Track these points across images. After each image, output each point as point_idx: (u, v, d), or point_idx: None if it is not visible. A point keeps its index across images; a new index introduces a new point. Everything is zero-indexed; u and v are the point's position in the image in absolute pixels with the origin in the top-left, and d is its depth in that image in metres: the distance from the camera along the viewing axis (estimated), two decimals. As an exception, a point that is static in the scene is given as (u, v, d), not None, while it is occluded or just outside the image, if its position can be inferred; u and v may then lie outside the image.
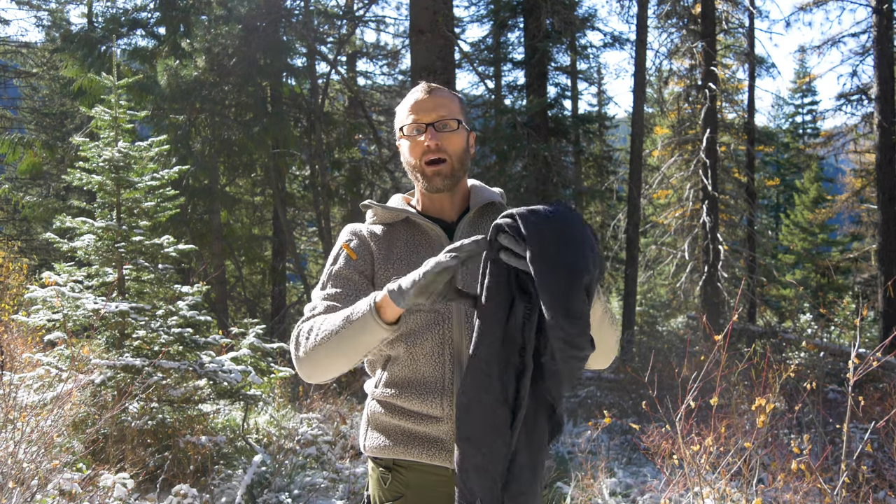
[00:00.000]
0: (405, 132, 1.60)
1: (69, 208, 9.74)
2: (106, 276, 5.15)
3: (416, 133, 1.59)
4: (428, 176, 1.59)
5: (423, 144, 1.58)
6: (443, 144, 1.58)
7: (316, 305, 1.58)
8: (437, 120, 1.58)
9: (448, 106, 1.60)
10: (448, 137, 1.58)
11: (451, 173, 1.60)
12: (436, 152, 1.57)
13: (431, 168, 1.59)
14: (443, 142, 1.58)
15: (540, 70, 11.85)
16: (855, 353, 2.85)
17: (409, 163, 1.61)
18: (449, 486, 1.57)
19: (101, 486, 3.64)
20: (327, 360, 1.47)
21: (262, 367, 5.87)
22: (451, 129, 1.59)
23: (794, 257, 22.66)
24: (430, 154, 1.57)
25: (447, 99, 1.61)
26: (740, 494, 3.29)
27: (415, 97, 1.61)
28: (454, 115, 1.60)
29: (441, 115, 1.58)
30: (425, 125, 1.57)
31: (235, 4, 10.38)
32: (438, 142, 1.57)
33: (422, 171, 1.59)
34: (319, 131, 11.80)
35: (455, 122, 1.59)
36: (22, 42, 15.79)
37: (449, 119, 1.58)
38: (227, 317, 11.04)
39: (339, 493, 4.70)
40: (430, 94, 1.60)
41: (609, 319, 1.54)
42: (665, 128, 16.76)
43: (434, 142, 1.56)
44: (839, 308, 12.82)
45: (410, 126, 1.59)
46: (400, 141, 1.64)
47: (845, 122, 16.48)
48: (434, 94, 1.61)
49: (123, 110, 5.36)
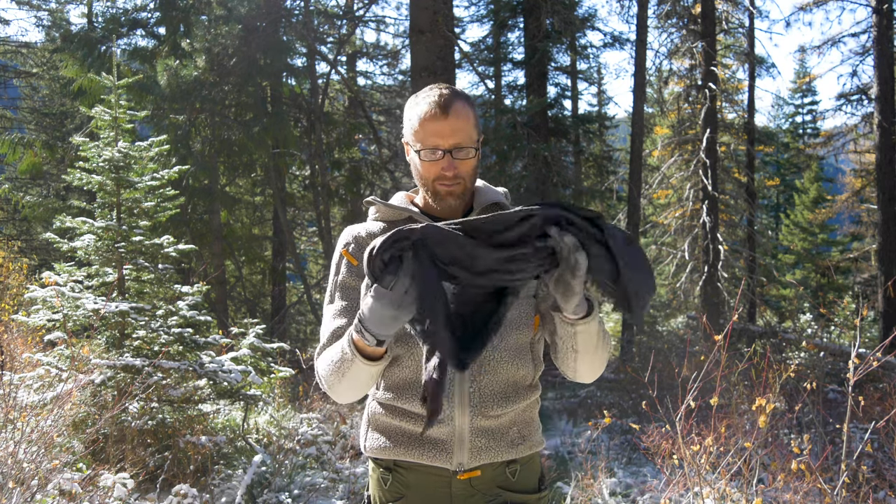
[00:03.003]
0: (422, 156, 1.56)
1: (69, 208, 9.74)
2: (106, 276, 5.15)
3: (431, 157, 1.55)
4: (441, 195, 1.58)
5: (439, 169, 1.56)
6: (459, 171, 1.56)
7: (325, 329, 1.62)
8: (455, 147, 1.54)
9: (465, 129, 1.55)
10: (464, 163, 1.56)
11: (463, 193, 1.59)
12: (452, 179, 1.56)
13: (444, 188, 1.57)
14: (460, 168, 1.56)
15: (540, 70, 11.85)
16: (855, 353, 2.86)
17: (423, 177, 1.59)
18: (449, 487, 1.58)
19: (101, 486, 3.64)
20: (350, 391, 1.55)
21: (262, 367, 5.88)
22: (468, 156, 1.56)
23: (794, 257, 22.66)
24: (446, 181, 1.56)
25: (464, 119, 1.55)
26: (740, 494, 3.29)
27: (432, 115, 1.54)
28: (471, 140, 1.56)
29: (458, 143, 1.54)
30: (442, 152, 1.54)
31: (235, 4, 10.38)
32: (457, 171, 1.55)
33: (434, 190, 1.58)
34: (319, 131, 11.80)
35: (473, 149, 1.57)
36: (22, 42, 15.80)
37: (467, 146, 1.55)
38: (227, 317, 11.04)
39: (339, 493, 4.70)
40: (446, 114, 1.53)
41: (603, 339, 1.54)
42: (665, 128, 16.75)
43: (452, 171, 1.55)
44: (839, 308, 12.82)
45: (427, 151, 1.55)
46: (411, 151, 1.61)
47: (845, 122, 16.49)
48: (452, 116, 1.53)
49: (123, 110, 5.36)
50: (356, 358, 1.43)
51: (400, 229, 1.26)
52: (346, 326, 1.58)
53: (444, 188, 1.57)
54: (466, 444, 1.56)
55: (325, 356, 1.55)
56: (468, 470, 1.57)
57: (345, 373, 1.47)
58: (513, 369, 1.59)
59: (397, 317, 1.29)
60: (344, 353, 1.45)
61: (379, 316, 1.31)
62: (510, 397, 1.59)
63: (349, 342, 1.43)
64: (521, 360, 1.60)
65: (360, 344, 1.41)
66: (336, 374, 1.50)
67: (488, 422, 1.57)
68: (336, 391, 1.54)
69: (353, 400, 1.59)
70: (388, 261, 1.26)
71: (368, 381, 1.50)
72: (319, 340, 1.63)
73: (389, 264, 1.26)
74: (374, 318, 1.32)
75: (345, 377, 1.48)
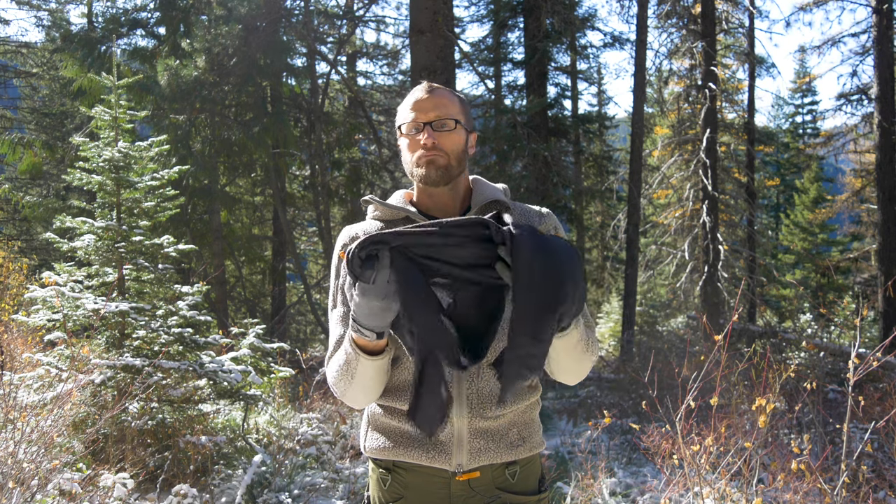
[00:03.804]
0: (403, 130, 1.61)
1: (69, 208, 9.74)
2: (106, 276, 5.15)
3: (413, 132, 1.60)
4: (421, 168, 1.59)
5: (419, 143, 1.59)
6: (440, 143, 1.58)
7: (332, 336, 1.63)
8: (435, 119, 1.58)
9: (447, 106, 1.60)
10: (446, 136, 1.59)
11: (446, 166, 1.60)
12: (432, 150, 1.58)
13: (425, 158, 1.59)
14: (440, 140, 1.58)
15: (540, 70, 11.86)
16: (855, 353, 2.85)
17: (407, 160, 1.63)
18: (448, 488, 1.58)
19: (101, 486, 3.64)
20: (361, 393, 1.55)
21: (262, 367, 5.87)
22: (448, 128, 1.59)
23: (794, 257, 22.66)
24: (426, 152, 1.58)
25: (447, 99, 1.62)
26: (740, 494, 3.29)
27: (415, 97, 1.62)
28: (452, 115, 1.61)
29: (439, 115, 1.59)
30: (423, 124, 1.58)
31: (235, 4, 10.38)
32: (435, 140, 1.57)
33: (417, 165, 1.60)
34: (319, 131, 11.80)
35: (453, 121, 1.60)
36: (22, 42, 15.78)
37: (446, 118, 1.59)
38: (227, 317, 11.03)
39: (339, 493, 4.70)
40: (429, 93, 1.61)
41: (584, 346, 1.53)
42: (665, 128, 16.76)
43: (431, 140, 1.57)
44: (839, 308, 12.82)
45: (409, 125, 1.60)
46: (400, 140, 1.66)
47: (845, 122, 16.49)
48: (434, 94, 1.61)
49: (123, 110, 5.36)
50: (359, 356, 1.44)
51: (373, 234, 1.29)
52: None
53: (424, 158, 1.58)
54: (465, 446, 1.56)
55: (332, 363, 1.57)
56: (467, 471, 1.57)
57: (353, 374, 1.49)
58: (512, 370, 1.59)
59: (386, 307, 1.31)
60: (348, 354, 1.47)
61: (367, 309, 1.32)
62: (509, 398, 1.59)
63: (350, 341, 1.45)
64: (520, 361, 1.60)
65: (359, 341, 1.43)
66: (345, 377, 1.51)
67: (487, 423, 1.57)
68: (348, 395, 1.55)
69: (367, 404, 1.61)
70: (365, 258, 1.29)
71: (376, 379, 1.51)
72: (329, 346, 1.64)
73: (366, 261, 1.29)
74: (364, 312, 1.33)
75: (353, 378, 1.49)
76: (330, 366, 1.58)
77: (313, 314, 13.45)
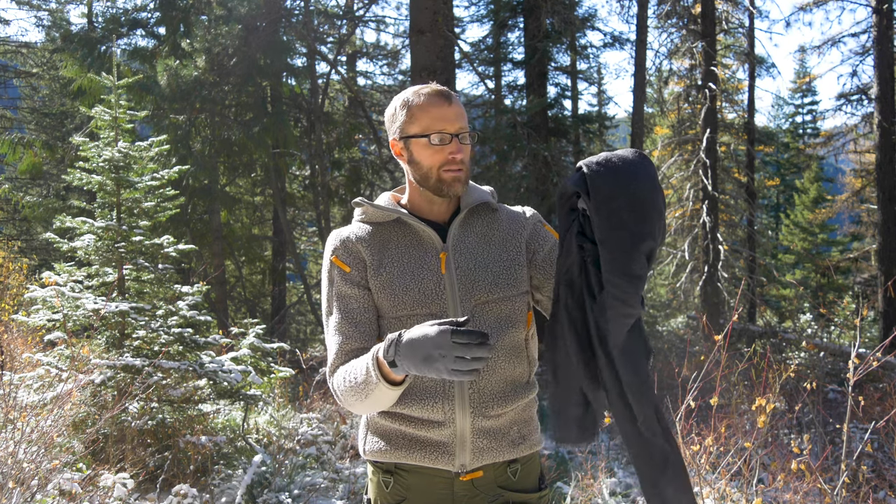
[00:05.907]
0: (434, 141, 1.57)
1: (69, 208, 9.74)
2: (106, 276, 5.15)
3: (439, 143, 1.57)
4: (447, 182, 1.59)
5: (447, 155, 1.57)
6: (465, 156, 1.60)
7: (331, 343, 1.61)
8: (460, 131, 1.59)
9: (464, 116, 1.61)
10: (466, 149, 1.61)
11: (466, 180, 1.62)
12: (460, 163, 1.58)
13: (451, 174, 1.59)
14: (464, 153, 1.60)
15: (540, 70, 11.85)
16: (855, 353, 2.85)
17: (426, 167, 1.59)
18: (451, 488, 1.58)
19: (101, 486, 3.64)
20: (371, 411, 1.57)
21: (262, 367, 5.87)
22: (468, 141, 1.61)
23: (794, 257, 22.64)
24: (454, 166, 1.58)
25: (461, 108, 1.62)
26: (740, 494, 3.30)
27: (435, 103, 1.58)
28: (468, 126, 1.62)
29: (461, 127, 1.59)
30: (450, 136, 1.57)
31: (235, 4, 10.37)
32: (463, 155, 1.59)
33: (439, 177, 1.59)
34: (319, 131, 11.80)
35: (469, 134, 1.61)
36: (22, 42, 15.77)
37: (467, 131, 1.60)
38: (227, 317, 11.03)
39: (339, 493, 4.70)
40: (450, 102, 1.59)
41: None
42: (665, 128, 16.76)
43: (461, 155, 1.58)
44: (839, 308, 12.82)
45: (439, 135, 1.57)
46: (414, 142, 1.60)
47: (845, 122, 16.48)
48: (454, 103, 1.60)
49: (123, 110, 5.36)
50: (381, 383, 1.43)
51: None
52: (351, 338, 1.58)
53: (451, 174, 1.58)
54: (468, 446, 1.56)
55: (341, 375, 1.54)
56: (471, 471, 1.58)
57: (368, 394, 1.47)
58: (510, 368, 1.60)
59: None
60: (368, 376, 1.45)
61: (425, 364, 1.32)
62: (509, 396, 1.59)
63: (375, 368, 1.43)
64: (517, 359, 1.61)
65: (389, 375, 1.42)
66: (358, 395, 1.49)
67: (489, 422, 1.57)
68: (356, 408, 1.55)
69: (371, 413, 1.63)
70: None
71: (391, 402, 1.51)
72: (328, 355, 1.62)
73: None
74: (417, 363, 1.33)
75: (367, 398, 1.48)
76: (337, 376, 1.55)
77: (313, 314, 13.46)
